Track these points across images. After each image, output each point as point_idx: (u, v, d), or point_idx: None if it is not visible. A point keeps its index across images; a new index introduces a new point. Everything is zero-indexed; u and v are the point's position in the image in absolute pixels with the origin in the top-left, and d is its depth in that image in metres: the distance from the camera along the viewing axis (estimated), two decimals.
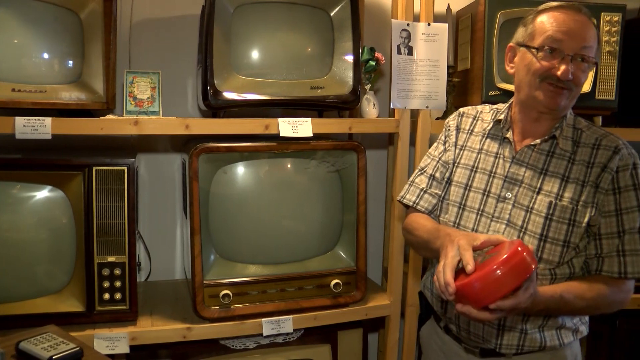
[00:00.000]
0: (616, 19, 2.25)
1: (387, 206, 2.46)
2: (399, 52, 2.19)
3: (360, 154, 2.16)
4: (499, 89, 2.21)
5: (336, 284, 2.18)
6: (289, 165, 2.14)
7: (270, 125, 2.03)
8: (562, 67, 1.50)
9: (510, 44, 1.65)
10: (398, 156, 2.26)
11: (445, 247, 1.39)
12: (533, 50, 1.54)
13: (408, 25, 2.19)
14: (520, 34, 1.62)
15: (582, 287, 1.51)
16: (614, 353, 2.50)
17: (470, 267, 1.30)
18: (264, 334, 2.09)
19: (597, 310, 1.55)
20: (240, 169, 2.08)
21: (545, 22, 1.54)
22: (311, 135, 2.05)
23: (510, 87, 2.14)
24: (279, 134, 2.02)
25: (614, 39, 2.25)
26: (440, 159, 1.76)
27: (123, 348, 1.93)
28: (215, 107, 2.02)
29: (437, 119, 2.39)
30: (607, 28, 2.24)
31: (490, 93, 2.21)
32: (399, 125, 2.24)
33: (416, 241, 1.69)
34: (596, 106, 2.29)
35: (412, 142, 2.27)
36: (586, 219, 1.53)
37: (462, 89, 2.40)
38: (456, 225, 1.65)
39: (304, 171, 2.16)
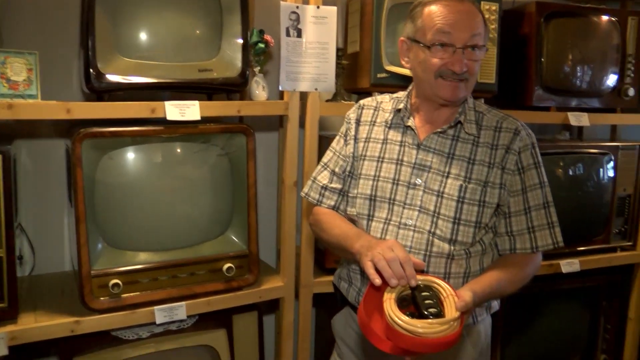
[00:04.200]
0: (494, 8, 2.35)
1: (279, 189, 2.45)
2: (288, 34, 2.17)
3: (250, 136, 2.13)
4: (388, 72, 2.24)
5: (229, 268, 2.15)
6: (177, 150, 2.08)
7: (157, 108, 1.96)
8: (456, 61, 1.53)
9: (402, 38, 1.65)
10: (288, 138, 2.25)
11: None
12: (425, 48, 1.55)
13: (297, 7, 2.18)
14: (410, 28, 1.61)
15: (510, 272, 1.58)
16: (507, 321, 2.68)
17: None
18: (157, 322, 2.04)
19: (519, 288, 1.60)
20: (127, 155, 2.00)
21: (432, 16, 1.54)
22: (199, 118, 2.00)
23: (399, 70, 2.19)
24: (166, 118, 1.95)
25: (493, 26, 2.36)
26: (340, 153, 1.76)
27: (1, 350, 1.80)
28: (99, 90, 1.92)
29: (326, 101, 2.39)
30: (487, 16, 2.32)
31: (378, 75, 2.24)
32: (288, 108, 2.23)
33: (328, 239, 1.69)
34: (478, 89, 2.35)
35: (302, 124, 2.26)
36: (496, 200, 1.58)
37: (351, 71, 2.41)
38: (370, 217, 1.65)
39: (193, 155, 2.10)
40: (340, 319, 1.83)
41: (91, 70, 1.87)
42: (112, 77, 1.90)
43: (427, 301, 1.35)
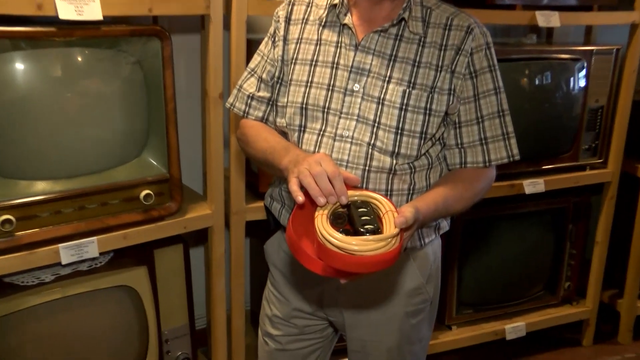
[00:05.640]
0: None
1: (203, 102, 2.36)
2: None
3: (165, 41, 2.00)
4: None
5: (147, 195, 2.09)
6: (77, 57, 1.94)
7: (45, 4, 1.79)
8: None
9: None
10: (210, 43, 2.14)
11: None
12: None
13: None
14: None
15: (459, 188, 1.57)
16: (464, 246, 2.73)
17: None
18: (63, 263, 1.97)
19: (470, 206, 1.61)
20: (12, 63, 1.83)
21: None
22: (101, 18, 1.85)
23: None
24: (58, 17, 1.79)
25: None
26: (268, 56, 1.70)
27: None
28: None
29: None
30: None
31: None
32: (210, 6, 2.10)
33: (255, 155, 1.68)
34: None
35: (228, 26, 2.16)
36: (444, 108, 1.55)
37: None
38: (302, 128, 1.62)
39: (97, 64, 1.97)
40: (273, 243, 1.82)
41: None
42: None
43: (363, 217, 1.33)
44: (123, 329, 2.17)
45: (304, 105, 1.60)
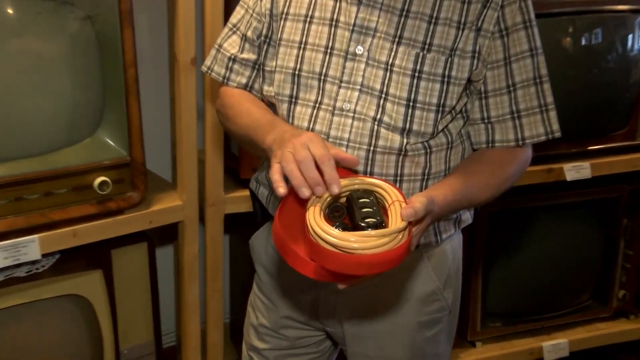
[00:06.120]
0: None
1: (171, 69, 2.35)
2: None
3: None
4: None
5: (103, 182, 2.07)
6: (6, 9, 1.91)
7: None
8: None
9: None
10: None
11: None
12: None
13: None
14: None
15: (485, 172, 1.58)
16: (491, 244, 2.72)
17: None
18: None
19: (498, 195, 1.61)
20: None
21: None
22: None
23: None
24: None
25: None
26: (254, 10, 1.68)
27: None
28: None
29: None
30: None
31: None
32: None
33: (236, 132, 1.69)
34: None
35: None
36: (466, 75, 1.53)
37: None
38: (293, 99, 1.61)
39: (35, 18, 1.93)
40: (260, 237, 1.85)
41: None
42: None
43: (364, 209, 1.31)
44: (71, 349, 2.16)
45: (296, 72, 1.59)
